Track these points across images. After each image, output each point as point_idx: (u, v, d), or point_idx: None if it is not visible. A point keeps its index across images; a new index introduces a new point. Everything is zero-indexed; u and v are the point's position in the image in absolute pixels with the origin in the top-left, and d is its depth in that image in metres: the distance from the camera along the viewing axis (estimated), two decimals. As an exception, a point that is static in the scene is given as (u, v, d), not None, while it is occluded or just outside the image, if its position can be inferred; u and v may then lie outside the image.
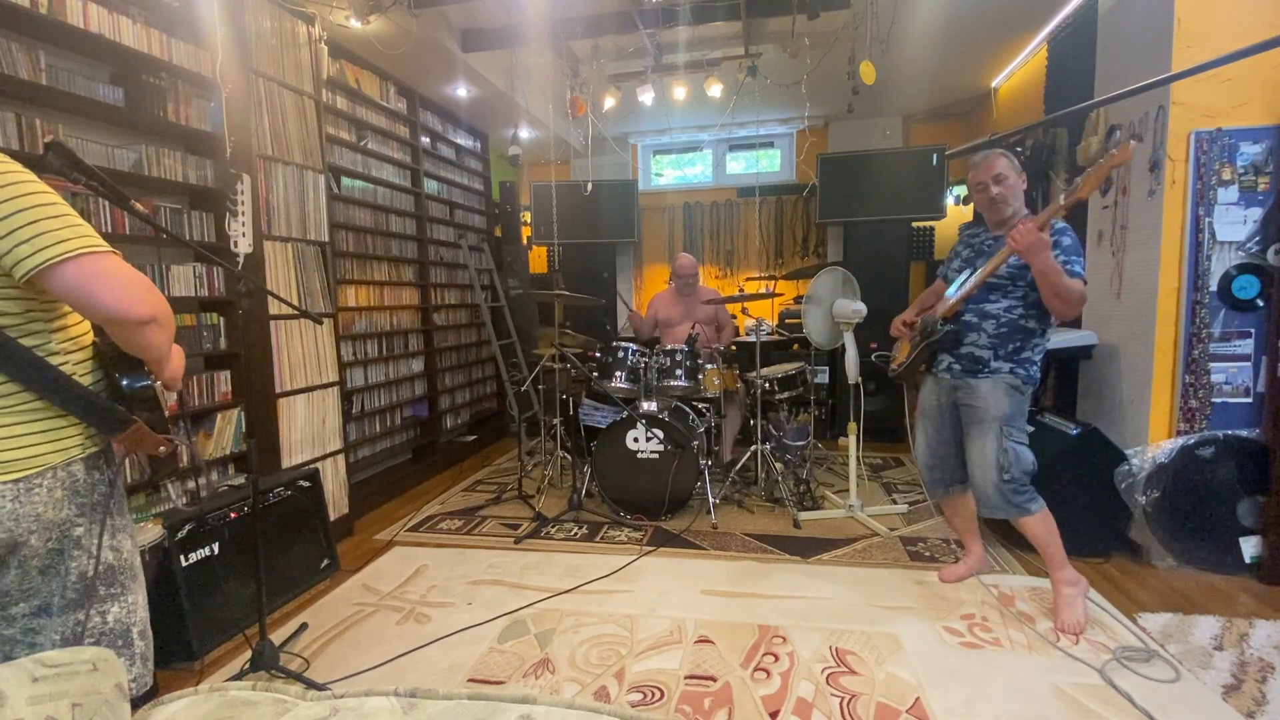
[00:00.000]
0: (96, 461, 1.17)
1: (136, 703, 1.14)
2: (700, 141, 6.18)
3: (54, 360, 1.10)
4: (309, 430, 3.06)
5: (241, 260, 2.72)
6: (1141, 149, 2.82)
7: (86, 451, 1.15)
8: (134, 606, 1.23)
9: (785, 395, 3.68)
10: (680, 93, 4.25)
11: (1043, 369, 2.28)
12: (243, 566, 2.36)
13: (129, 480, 2.32)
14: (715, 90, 4.15)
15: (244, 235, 2.72)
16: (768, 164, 6.21)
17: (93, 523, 1.15)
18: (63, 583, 1.13)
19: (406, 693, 0.96)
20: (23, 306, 1.08)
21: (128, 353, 1.16)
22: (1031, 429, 2.25)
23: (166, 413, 1.25)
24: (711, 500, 3.32)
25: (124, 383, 1.17)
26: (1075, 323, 3.30)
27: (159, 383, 1.24)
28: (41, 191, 1.05)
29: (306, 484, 2.77)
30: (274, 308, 2.82)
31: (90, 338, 1.20)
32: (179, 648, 2.11)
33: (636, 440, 3.27)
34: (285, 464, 2.89)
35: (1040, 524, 2.22)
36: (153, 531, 1.96)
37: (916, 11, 3.59)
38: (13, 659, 1.10)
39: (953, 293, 2.33)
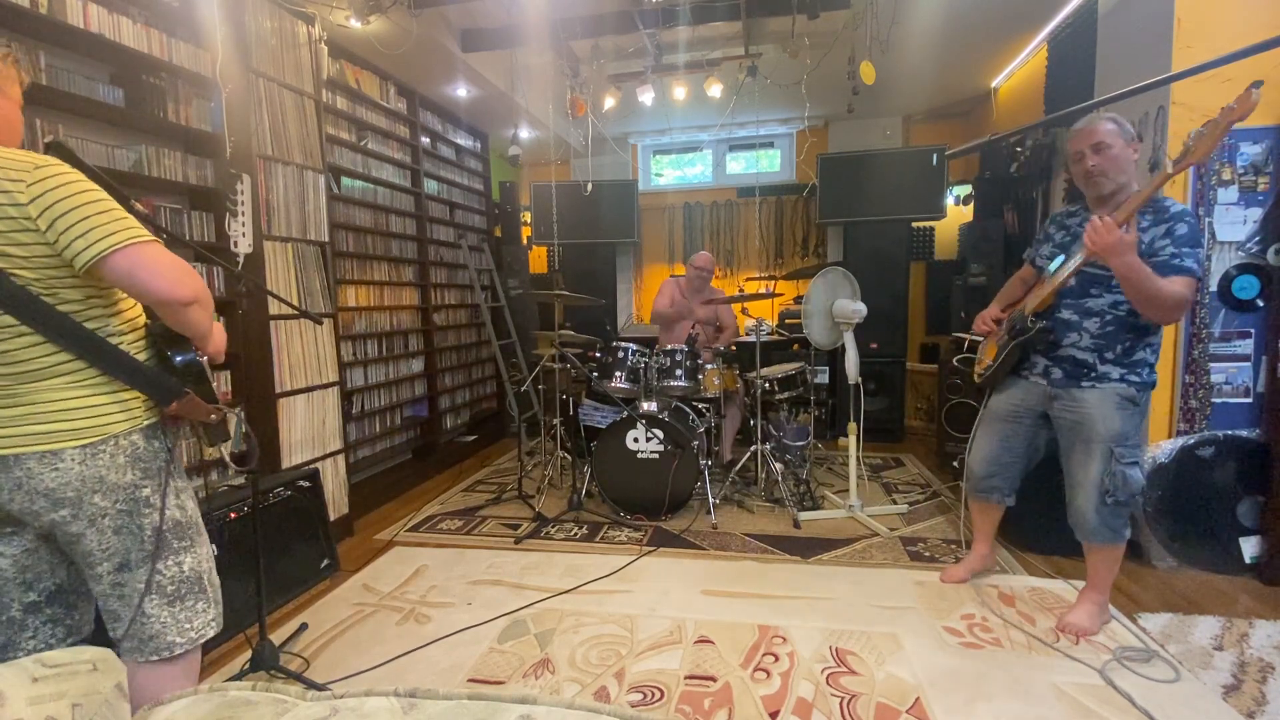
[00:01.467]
0: (155, 431, 1.29)
1: (208, 646, 1.35)
2: (700, 141, 6.18)
3: (113, 340, 1.23)
4: (309, 430, 3.06)
5: (241, 260, 2.72)
6: (1141, 149, 2.82)
7: (145, 422, 1.27)
8: (203, 557, 1.38)
9: (785, 395, 3.68)
10: (680, 93, 4.25)
11: None
12: (243, 566, 2.36)
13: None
14: (715, 90, 4.15)
15: (244, 235, 2.72)
16: (768, 164, 6.21)
17: (159, 485, 1.28)
18: (139, 539, 1.26)
19: (406, 693, 0.96)
20: (83, 294, 1.20)
21: (175, 331, 1.28)
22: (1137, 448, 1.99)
23: (214, 385, 1.37)
24: (711, 500, 3.32)
25: (176, 359, 1.29)
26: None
27: (205, 357, 1.36)
28: (89, 189, 1.16)
29: (306, 484, 2.76)
30: (274, 308, 2.82)
31: (143, 319, 1.32)
32: (179, 648, 2.11)
33: (636, 440, 3.27)
34: (285, 464, 2.89)
35: (1115, 554, 2.08)
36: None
37: (916, 12, 3.59)
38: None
39: (1049, 275, 2.04)
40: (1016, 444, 2.23)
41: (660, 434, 3.24)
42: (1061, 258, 2.03)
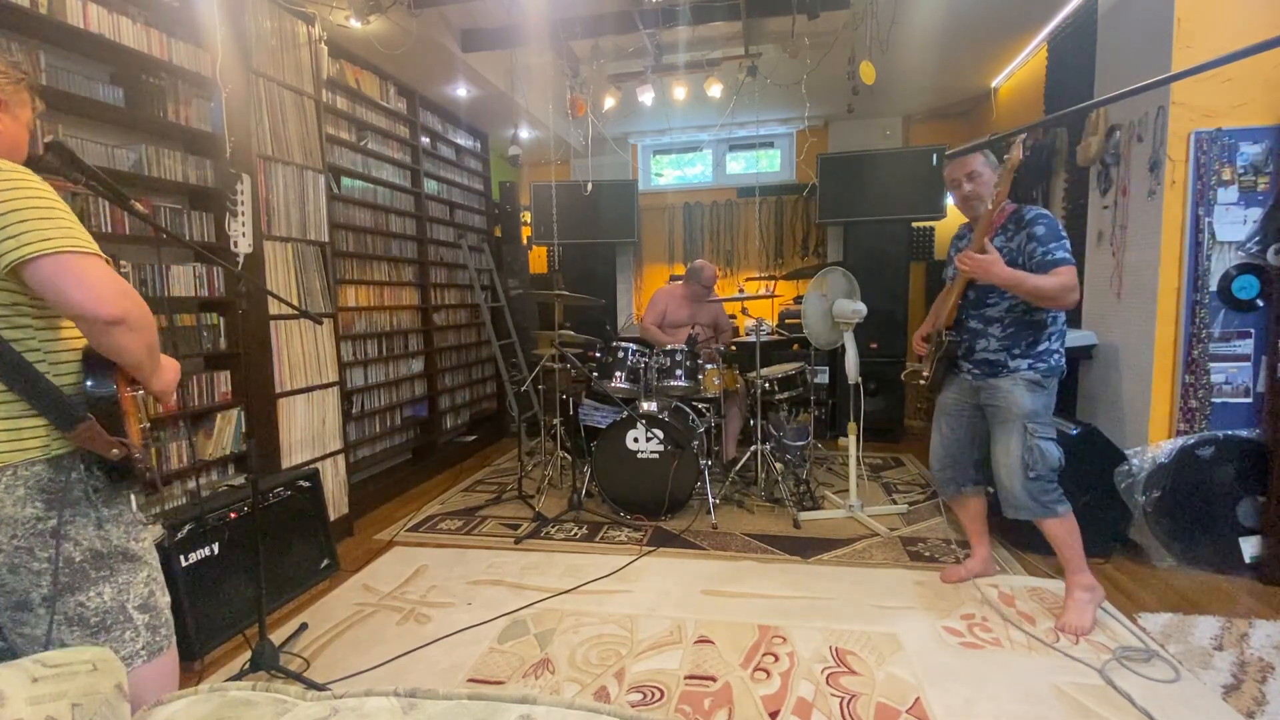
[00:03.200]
0: (70, 460, 1.18)
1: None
2: (700, 141, 6.18)
3: (30, 356, 1.13)
4: (309, 430, 3.06)
5: (241, 260, 2.72)
6: (1142, 149, 2.82)
7: (51, 453, 1.16)
8: (128, 585, 1.26)
9: (785, 395, 3.68)
10: (680, 93, 4.25)
11: None
12: (243, 566, 2.36)
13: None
14: (715, 90, 4.15)
15: (244, 235, 2.72)
16: (768, 164, 6.21)
17: (73, 515, 1.17)
18: (37, 579, 1.15)
19: (406, 693, 0.96)
20: (10, 299, 1.11)
21: (102, 355, 1.17)
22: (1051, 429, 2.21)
23: (140, 423, 1.26)
24: (711, 500, 3.32)
25: (88, 383, 1.18)
26: (1075, 322, 3.30)
27: (138, 392, 1.25)
28: (39, 194, 1.09)
29: (306, 484, 2.77)
30: (274, 308, 2.82)
31: (83, 342, 1.21)
32: (179, 648, 2.10)
33: (636, 440, 3.27)
34: (285, 464, 2.89)
35: (1064, 526, 2.19)
36: (153, 531, 1.96)
37: (916, 12, 3.59)
38: (18, 648, 1.16)
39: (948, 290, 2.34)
40: (961, 434, 2.42)
41: (660, 434, 3.24)
42: (954, 272, 2.30)
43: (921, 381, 2.54)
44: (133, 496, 1.28)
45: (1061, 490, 2.20)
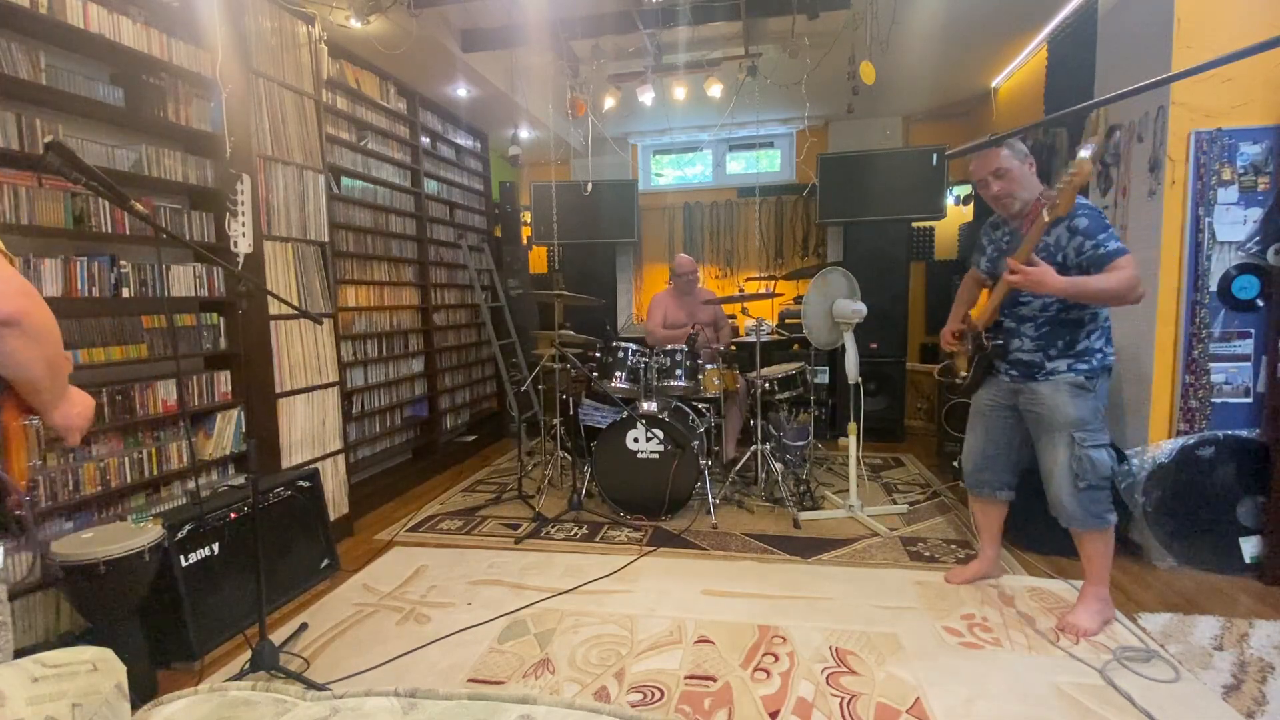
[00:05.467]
0: None
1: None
2: (700, 141, 6.18)
3: None
4: (309, 430, 3.06)
5: (241, 260, 2.72)
6: (1142, 149, 2.82)
7: None
8: None
9: (785, 395, 3.68)
10: (680, 93, 4.25)
11: None
12: (243, 566, 2.36)
13: (128, 480, 2.32)
14: (715, 90, 4.15)
15: (244, 235, 2.72)
16: (768, 164, 6.21)
17: None
18: None
19: (406, 693, 0.96)
20: None
21: None
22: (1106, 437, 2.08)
23: (28, 459, 1.08)
24: (711, 500, 3.32)
25: None
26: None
27: (35, 422, 1.07)
28: None
29: (306, 484, 2.77)
30: (274, 308, 2.82)
31: None
32: (179, 648, 2.11)
33: (636, 440, 3.27)
34: (285, 464, 2.89)
35: (1104, 539, 2.12)
36: (153, 531, 1.96)
37: (916, 12, 3.59)
38: None
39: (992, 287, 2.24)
40: (999, 436, 2.33)
41: (660, 434, 3.24)
42: (988, 264, 2.24)
43: (958, 381, 2.44)
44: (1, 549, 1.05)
45: (1111, 501, 2.09)
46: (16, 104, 2.06)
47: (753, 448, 3.69)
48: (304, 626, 2.32)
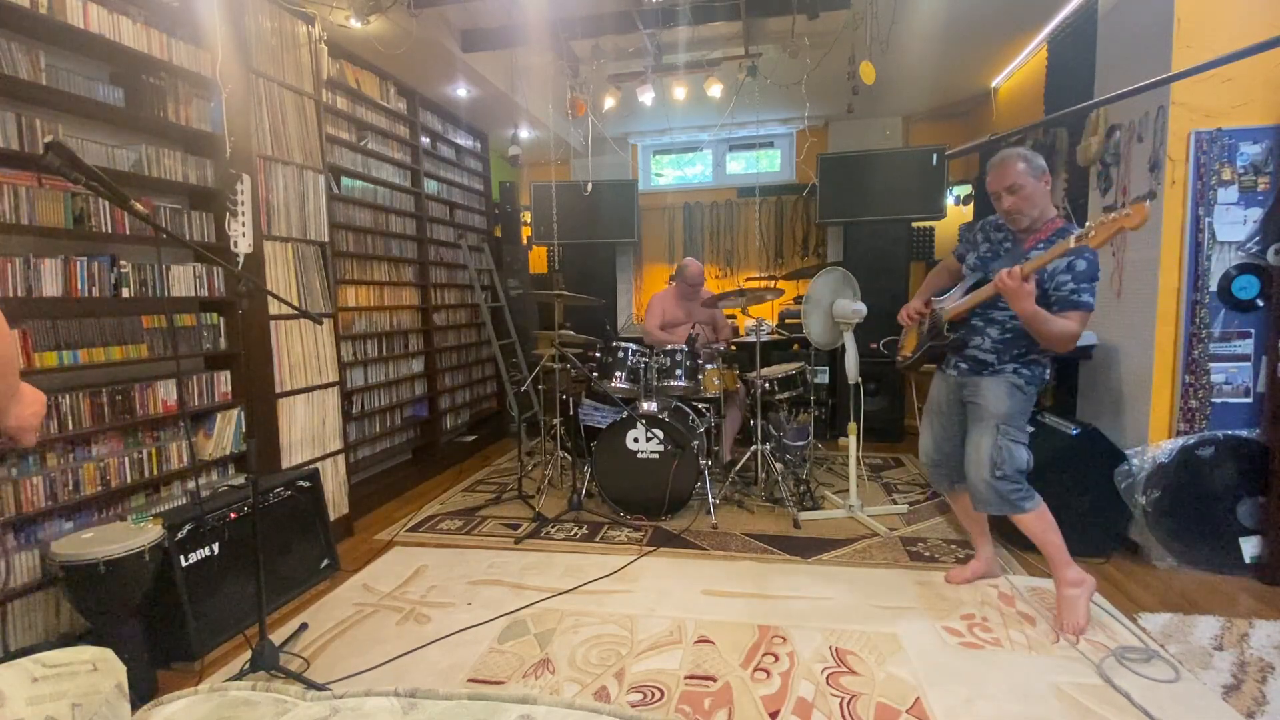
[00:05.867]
0: None
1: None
2: (700, 141, 6.18)
3: None
4: (309, 430, 3.06)
5: (241, 260, 2.72)
6: (1142, 149, 2.82)
7: None
8: None
9: (785, 395, 3.68)
10: (680, 93, 4.25)
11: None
12: (243, 566, 2.36)
13: (128, 480, 2.32)
14: (715, 90, 4.15)
15: (244, 235, 2.72)
16: (768, 164, 6.21)
17: None
18: None
19: (406, 693, 0.96)
20: None
21: None
22: (1032, 429, 2.23)
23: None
24: (711, 500, 3.32)
25: None
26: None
27: None
28: None
29: (306, 484, 2.77)
30: (274, 308, 2.82)
31: None
32: (179, 648, 2.11)
33: (636, 440, 3.27)
34: (285, 464, 2.89)
35: (1037, 522, 2.20)
36: (153, 531, 1.96)
37: (916, 12, 3.59)
38: None
39: (960, 295, 2.29)
40: (953, 430, 2.41)
41: (660, 434, 3.24)
42: (980, 275, 2.25)
43: (900, 360, 2.58)
44: None
45: (1028, 489, 2.19)
46: (16, 104, 2.06)
47: (753, 448, 3.69)
48: (304, 626, 2.32)
